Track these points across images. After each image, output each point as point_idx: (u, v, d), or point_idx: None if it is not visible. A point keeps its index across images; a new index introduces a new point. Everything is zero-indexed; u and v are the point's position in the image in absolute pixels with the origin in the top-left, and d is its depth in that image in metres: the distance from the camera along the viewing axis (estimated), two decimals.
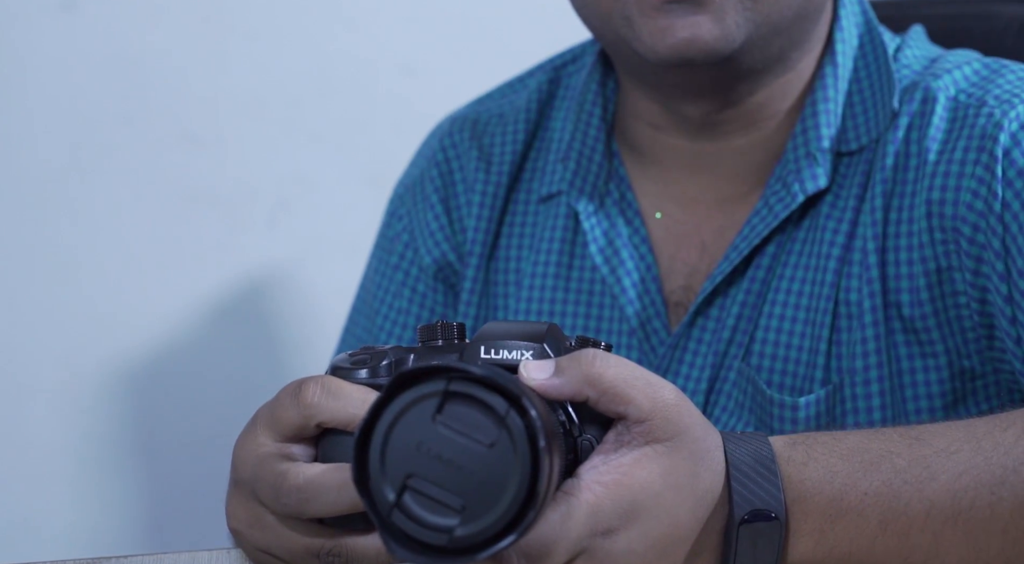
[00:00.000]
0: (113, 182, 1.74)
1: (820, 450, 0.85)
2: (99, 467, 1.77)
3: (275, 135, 1.78)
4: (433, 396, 0.74)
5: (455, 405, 0.74)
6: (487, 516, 0.73)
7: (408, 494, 0.74)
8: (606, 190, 1.24)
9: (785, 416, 1.15)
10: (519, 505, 0.73)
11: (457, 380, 0.74)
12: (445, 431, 0.73)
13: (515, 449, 0.73)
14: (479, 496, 0.73)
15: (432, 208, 1.31)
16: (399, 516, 0.74)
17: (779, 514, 0.82)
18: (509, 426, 0.73)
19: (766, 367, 1.16)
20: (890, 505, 0.84)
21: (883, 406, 1.14)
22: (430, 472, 0.73)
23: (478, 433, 0.73)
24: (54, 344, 1.74)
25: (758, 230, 1.17)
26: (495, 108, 1.33)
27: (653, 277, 1.22)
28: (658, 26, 1.11)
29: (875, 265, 1.14)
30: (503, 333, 0.84)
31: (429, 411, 0.74)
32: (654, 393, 0.80)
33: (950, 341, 1.13)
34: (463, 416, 0.74)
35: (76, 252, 1.74)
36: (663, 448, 0.80)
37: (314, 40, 1.78)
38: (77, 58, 1.71)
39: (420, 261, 1.31)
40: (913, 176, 1.14)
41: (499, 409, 0.73)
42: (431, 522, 0.73)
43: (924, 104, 1.16)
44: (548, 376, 0.80)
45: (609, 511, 0.78)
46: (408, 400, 0.74)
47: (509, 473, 0.73)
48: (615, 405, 0.80)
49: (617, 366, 0.80)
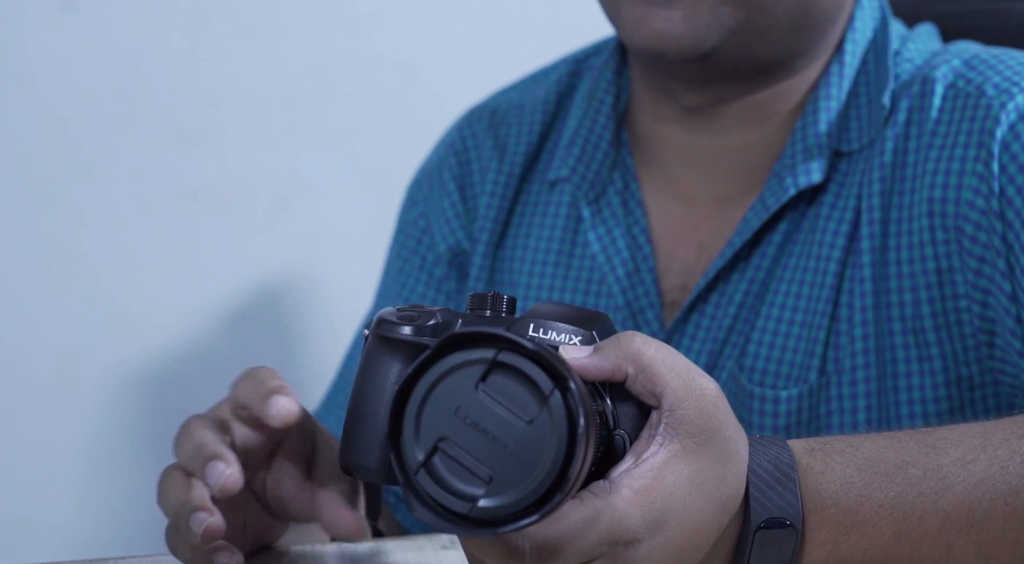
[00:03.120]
0: (113, 182, 1.74)
1: (838, 459, 0.84)
2: (99, 468, 1.77)
3: (274, 135, 1.78)
4: (480, 363, 0.73)
5: (500, 376, 0.73)
6: (513, 492, 0.72)
7: (438, 456, 0.73)
8: (610, 179, 1.24)
9: (766, 410, 1.15)
10: (548, 486, 0.72)
11: (507, 351, 0.73)
12: (486, 400, 0.73)
13: (553, 429, 0.72)
14: (509, 470, 0.72)
15: (449, 196, 1.32)
16: (424, 477, 0.73)
17: (795, 523, 0.82)
18: (551, 406, 0.72)
19: (759, 368, 1.16)
20: (905, 516, 0.84)
21: (869, 407, 1.14)
22: (464, 438, 0.72)
23: (519, 407, 0.72)
24: (52, 343, 1.74)
25: (751, 225, 1.17)
26: (515, 99, 1.33)
27: (649, 268, 1.21)
28: (636, 15, 1.13)
29: (868, 264, 1.14)
30: (554, 314, 0.83)
31: (473, 377, 0.73)
32: (691, 380, 0.80)
33: (947, 345, 1.12)
34: (507, 388, 0.73)
35: (75, 252, 1.74)
36: (693, 444, 0.79)
37: (314, 40, 1.78)
38: (77, 58, 1.71)
39: (435, 247, 1.32)
40: (912, 172, 1.13)
41: (544, 387, 0.72)
42: (456, 488, 0.72)
43: (922, 97, 1.15)
44: (588, 353, 0.79)
45: (637, 522, 0.78)
46: (454, 363, 0.73)
47: (543, 452, 0.72)
48: (652, 385, 0.79)
49: (659, 347, 0.80)
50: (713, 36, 1.12)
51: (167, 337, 1.77)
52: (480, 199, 1.30)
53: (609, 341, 0.80)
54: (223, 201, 1.77)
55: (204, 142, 1.76)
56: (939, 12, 1.32)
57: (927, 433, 0.87)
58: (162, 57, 1.74)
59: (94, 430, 1.76)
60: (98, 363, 1.75)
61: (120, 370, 1.76)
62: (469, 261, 1.30)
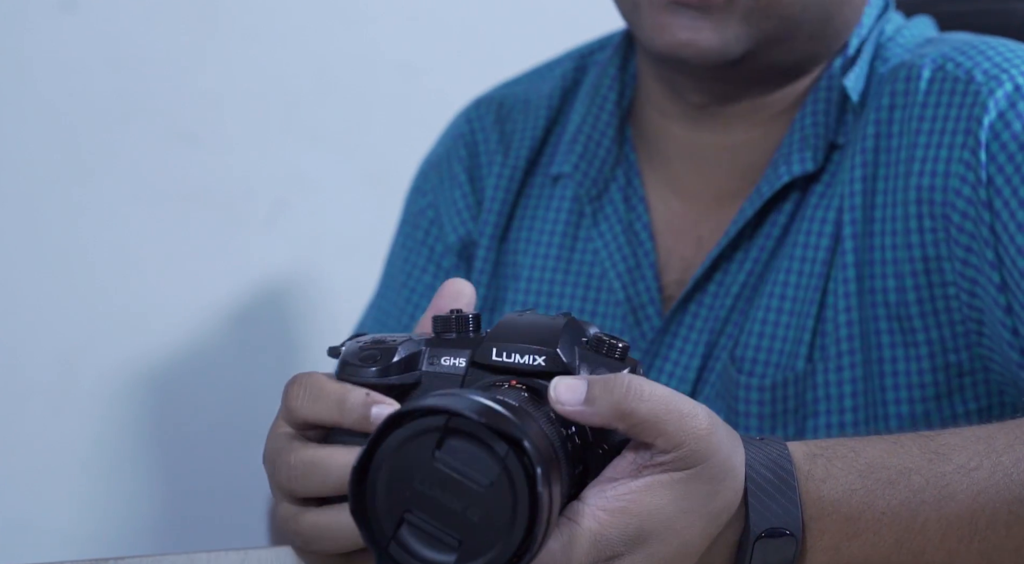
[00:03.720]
0: (112, 182, 1.74)
1: (839, 465, 0.83)
2: (99, 468, 1.77)
3: (275, 135, 1.78)
4: (433, 431, 0.72)
5: (455, 441, 0.72)
6: (484, 555, 0.72)
7: (405, 528, 0.72)
8: (612, 175, 1.24)
9: (751, 398, 1.14)
10: (515, 545, 0.72)
11: (456, 418, 0.72)
12: (444, 468, 0.72)
13: (514, 490, 0.71)
14: (476, 534, 0.72)
15: (460, 186, 1.31)
16: (396, 549, 0.73)
17: (795, 532, 0.81)
18: (508, 467, 0.71)
19: (749, 358, 1.16)
20: (907, 525, 0.83)
21: (855, 393, 1.13)
22: (427, 508, 0.72)
23: (477, 472, 0.72)
24: (52, 343, 1.74)
25: (747, 214, 1.17)
26: (521, 93, 1.33)
27: (650, 263, 1.21)
28: (660, 22, 1.12)
29: (851, 250, 1.13)
30: (516, 335, 0.82)
31: (429, 446, 0.72)
32: (686, 425, 0.78)
33: (934, 332, 1.12)
34: (463, 453, 0.72)
35: (75, 252, 1.74)
36: (682, 476, 0.78)
37: (314, 40, 1.78)
38: (76, 58, 1.71)
39: (445, 238, 1.31)
40: (897, 157, 1.13)
41: (499, 450, 0.72)
42: (428, 557, 0.72)
43: (908, 81, 1.14)
44: (579, 402, 0.78)
45: (615, 539, 0.77)
46: (408, 433, 0.73)
47: (507, 513, 0.71)
48: (645, 437, 0.78)
49: (650, 399, 0.78)
50: (740, 46, 1.12)
51: (167, 337, 1.77)
52: (486, 191, 1.30)
53: (601, 387, 0.78)
54: (223, 201, 1.77)
55: (204, 142, 1.76)
56: (941, 12, 1.32)
57: (930, 438, 0.86)
58: (162, 57, 1.74)
59: (94, 430, 1.76)
60: (98, 363, 1.75)
61: (120, 370, 1.76)
62: (475, 253, 1.30)
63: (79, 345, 1.74)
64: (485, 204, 1.29)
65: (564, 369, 0.81)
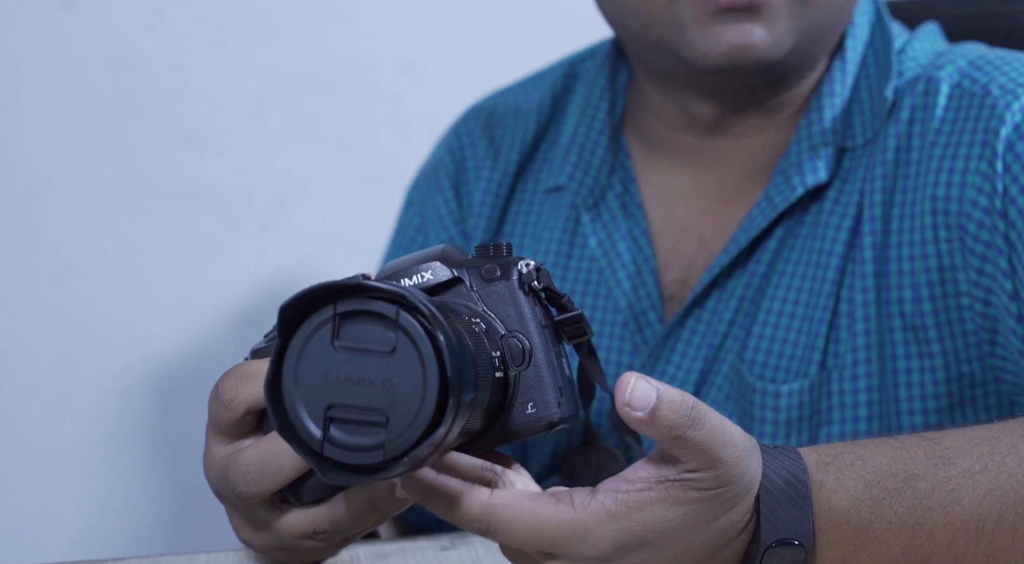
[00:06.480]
0: (112, 182, 1.74)
1: (848, 474, 0.84)
2: (99, 468, 1.77)
3: (274, 135, 1.78)
4: (326, 323, 0.74)
5: (348, 325, 0.74)
6: (412, 417, 0.73)
7: (333, 427, 0.74)
8: (608, 184, 1.25)
9: (767, 404, 1.15)
10: (437, 395, 0.73)
11: (342, 300, 0.74)
12: (346, 353, 0.74)
13: (416, 346, 0.73)
14: (398, 402, 0.73)
15: (443, 193, 1.33)
16: (331, 449, 0.74)
17: (806, 543, 0.82)
18: (403, 326, 0.73)
19: (760, 361, 1.16)
20: (914, 532, 0.83)
21: (870, 402, 1.13)
22: (346, 397, 0.74)
23: (377, 343, 0.73)
24: (51, 344, 1.74)
25: (757, 223, 1.17)
26: (512, 102, 1.34)
27: (651, 269, 1.22)
28: (712, 33, 1.12)
29: (870, 260, 1.14)
30: (401, 264, 0.86)
31: (326, 339, 0.74)
32: (726, 454, 0.78)
33: (948, 343, 1.12)
34: (359, 332, 0.74)
35: (74, 252, 1.74)
36: (700, 495, 0.79)
37: (313, 40, 1.77)
38: (76, 58, 1.71)
39: (429, 245, 1.32)
40: (915, 170, 1.14)
41: (388, 313, 0.73)
42: (362, 444, 0.73)
43: (927, 96, 1.16)
44: (644, 410, 0.76)
45: (606, 541, 0.78)
46: (304, 335, 0.74)
47: (417, 370, 0.73)
48: (683, 457, 0.78)
49: (705, 427, 0.77)
50: (790, 39, 1.13)
51: (167, 337, 1.77)
52: (474, 196, 1.31)
53: (668, 411, 0.77)
54: (223, 201, 1.77)
55: (204, 142, 1.76)
56: (948, 14, 1.32)
57: (935, 441, 0.87)
58: (161, 57, 1.73)
59: (94, 430, 1.76)
60: (98, 363, 1.75)
61: (120, 370, 1.76)
62: None
63: (79, 345, 1.74)
64: (474, 209, 1.30)
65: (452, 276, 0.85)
